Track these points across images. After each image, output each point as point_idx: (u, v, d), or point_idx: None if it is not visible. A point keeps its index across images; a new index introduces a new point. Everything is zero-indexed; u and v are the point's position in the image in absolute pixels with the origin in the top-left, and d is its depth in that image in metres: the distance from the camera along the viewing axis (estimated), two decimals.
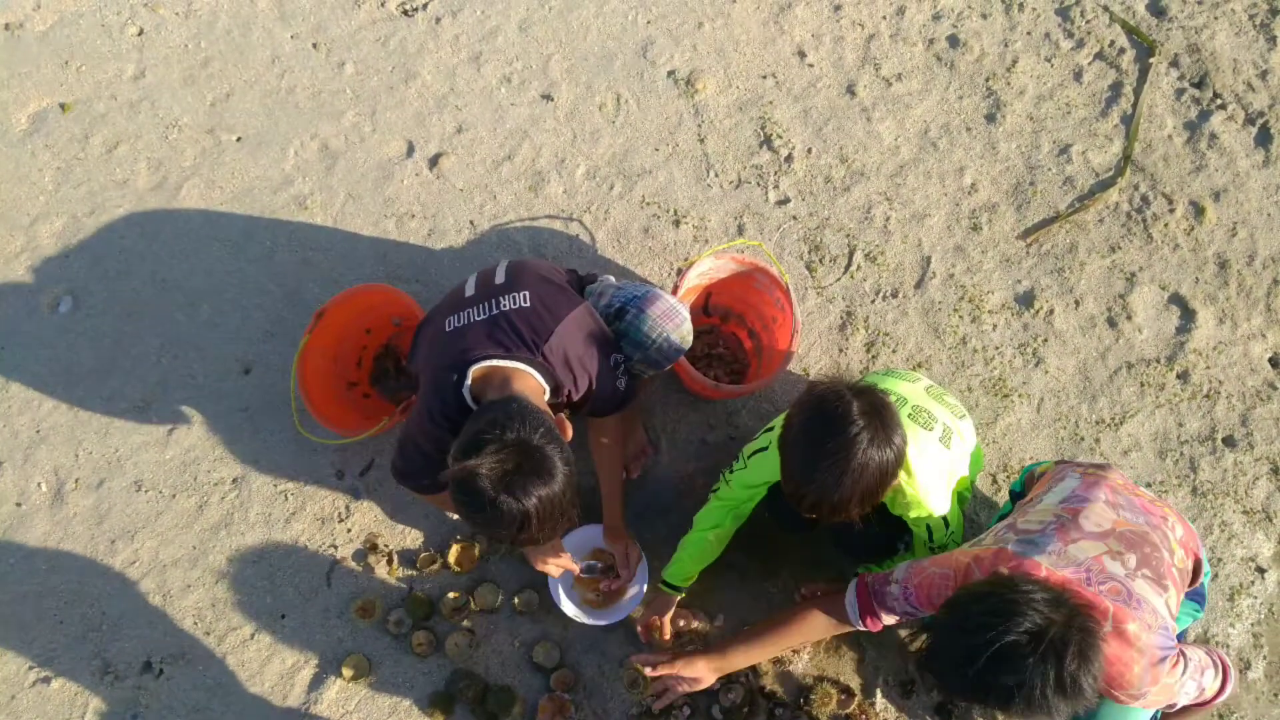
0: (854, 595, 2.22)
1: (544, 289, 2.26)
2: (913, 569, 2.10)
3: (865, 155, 3.20)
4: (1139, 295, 3.05)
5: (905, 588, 2.09)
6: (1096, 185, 3.18)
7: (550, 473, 1.89)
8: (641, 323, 2.37)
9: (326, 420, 2.60)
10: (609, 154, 3.18)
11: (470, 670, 2.62)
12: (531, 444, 1.88)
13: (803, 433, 1.96)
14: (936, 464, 2.22)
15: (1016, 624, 1.62)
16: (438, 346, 2.23)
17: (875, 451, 1.89)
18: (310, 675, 2.62)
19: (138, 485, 2.80)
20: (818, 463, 1.89)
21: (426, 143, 3.19)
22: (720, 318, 2.98)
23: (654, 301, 2.38)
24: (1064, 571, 1.86)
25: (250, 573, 2.71)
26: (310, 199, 3.12)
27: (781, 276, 2.69)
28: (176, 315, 2.99)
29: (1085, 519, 2.00)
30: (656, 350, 2.39)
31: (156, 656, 2.63)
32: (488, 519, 1.87)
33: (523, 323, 2.17)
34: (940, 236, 3.10)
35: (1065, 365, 2.96)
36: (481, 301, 2.24)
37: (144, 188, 3.13)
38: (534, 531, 1.90)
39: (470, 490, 1.84)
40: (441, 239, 3.07)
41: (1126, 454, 2.87)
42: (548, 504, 1.89)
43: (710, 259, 2.71)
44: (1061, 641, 1.61)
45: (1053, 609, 1.64)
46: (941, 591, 1.99)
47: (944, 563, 2.02)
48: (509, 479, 1.84)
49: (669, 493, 2.81)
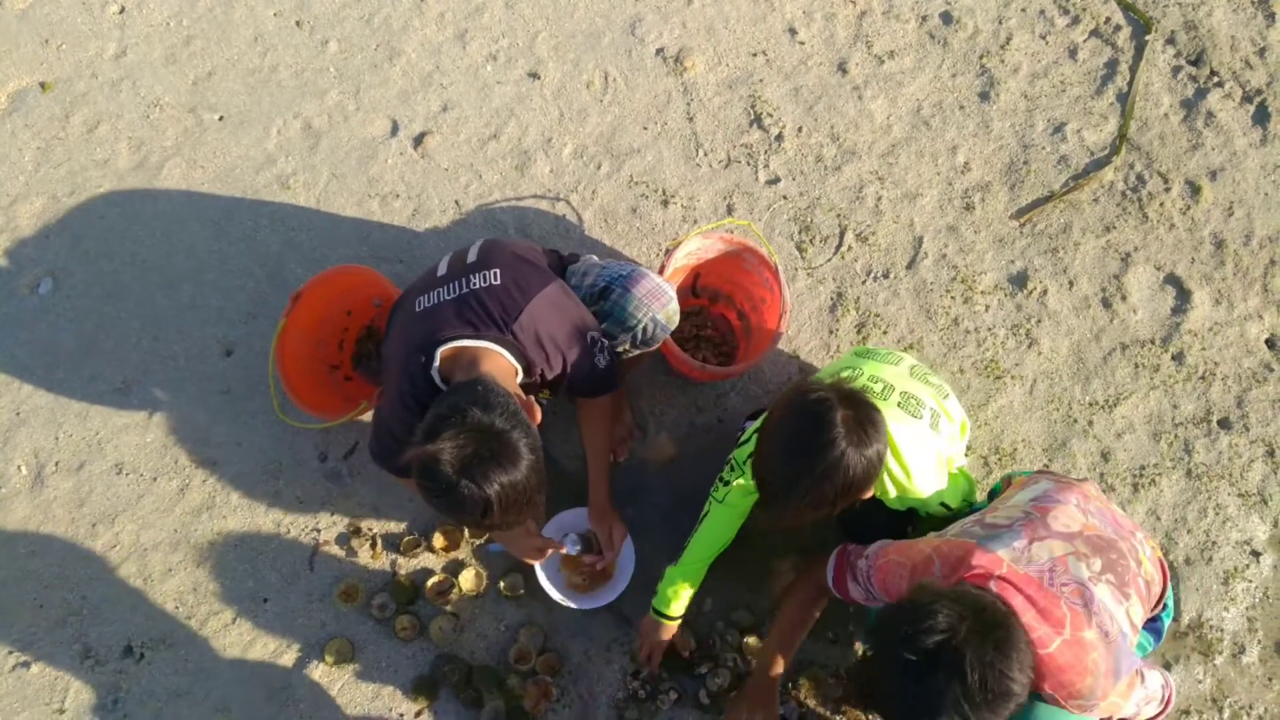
0: (834, 560, 2.23)
1: (516, 266, 2.22)
2: (881, 551, 2.08)
3: (857, 134, 3.15)
4: (1134, 275, 3.00)
5: (870, 567, 2.08)
6: (1091, 164, 3.14)
7: (513, 459, 1.85)
8: (626, 302, 2.33)
9: (306, 405, 2.56)
10: (596, 133, 3.14)
11: (454, 654, 2.59)
12: (495, 428, 1.84)
13: (778, 432, 1.95)
14: (929, 450, 2.19)
15: (920, 642, 1.61)
16: (408, 328, 2.20)
17: (854, 455, 1.88)
18: (293, 660, 2.60)
19: (118, 468, 2.76)
20: (793, 460, 1.90)
21: (411, 121, 3.14)
22: (709, 299, 2.94)
23: (639, 281, 2.35)
24: (1024, 569, 1.83)
25: (232, 556, 2.68)
26: (293, 179, 3.07)
27: (770, 256, 2.65)
28: (157, 296, 2.95)
29: (1054, 519, 1.96)
30: (642, 330, 2.36)
31: (138, 641, 2.61)
32: (449, 504, 1.84)
33: (492, 301, 2.13)
34: (932, 216, 3.06)
35: (1059, 346, 2.93)
36: (451, 280, 2.20)
37: (125, 167, 3.09)
38: (496, 518, 1.86)
39: (431, 475, 1.81)
40: (426, 219, 3.03)
41: (1120, 436, 2.84)
42: (510, 490, 1.85)
43: (698, 239, 2.66)
44: (960, 651, 1.59)
45: (956, 618, 1.62)
46: (896, 581, 1.98)
47: (905, 551, 2.00)
48: (470, 464, 1.80)
49: (657, 475, 2.78)
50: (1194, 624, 2.67)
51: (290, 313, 2.61)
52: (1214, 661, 2.64)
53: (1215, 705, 2.60)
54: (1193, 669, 2.63)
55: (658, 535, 2.68)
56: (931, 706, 1.60)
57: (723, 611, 2.65)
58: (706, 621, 2.64)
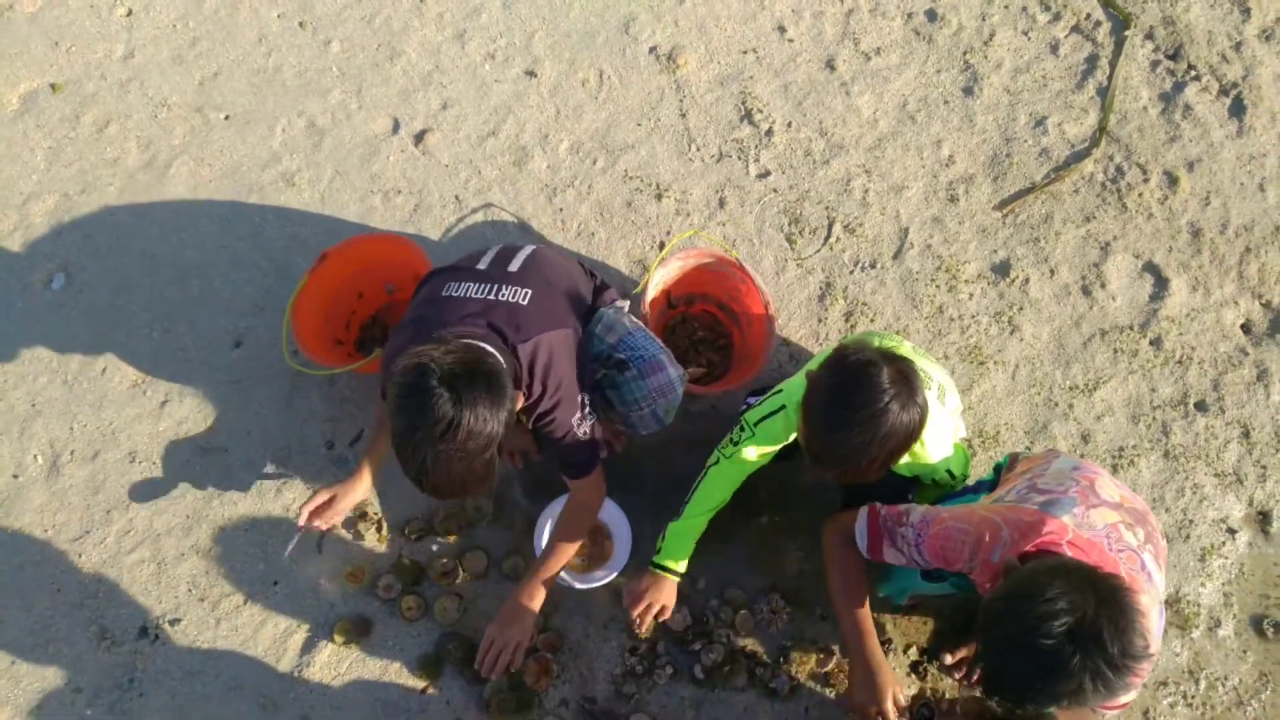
0: (865, 524, 2.19)
1: (548, 298, 2.24)
2: (930, 518, 2.07)
3: (844, 129, 3.24)
4: (1113, 264, 3.10)
5: (919, 535, 2.07)
6: (1072, 156, 3.23)
7: (499, 399, 1.85)
8: (637, 388, 2.34)
9: (314, 357, 2.66)
10: (592, 129, 3.23)
11: (458, 633, 2.68)
12: (491, 365, 1.88)
13: (830, 395, 1.95)
14: (940, 421, 2.25)
15: (1050, 628, 1.60)
16: (428, 305, 2.24)
17: (903, 414, 1.91)
18: (303, 639, 2.68)
19: (132, 457, 2.85)
20: (847, 426, 1.91)
21: (412, 119, 3.23)
22: (685, 304, 3.00)
23: (656, 372, 2.34)
24: (1085, 535, 1.87)
25: (243, 540, 2.77)
26: (298, 176, 3.16)
27: (727, 252, 2.73)
28: (167, 291, 3.03)
29: (1100, 487, 2.01)
30: (639, 418, 2.39)
31: (152, 622, 2.69)
32: (411, 410, 1.80)
33: (511, 317, 2.15)
34: (918, 208, 3.15)
35: (1040, 333, 3.02)
36: (486, 282, 2.23)
37: (134, 166, 3.17)
38: (453, 452, 1.82)
39: (413, 374, 1.81)
40: (427, 214, 3.12)
41: (1100, 419, 2.93)
42: (479, 426, 1.82)
43: (659, 270, 2.72)
44: (1095, 628, 1.60)
45: (1078, 595, 1.62)
46: (957, 550, 1.97)
47: (963, 517, 2.00)
48: (456, 378, 1.81)
49: (650, 462, 2.85)
50: (1172, 599, 2.76)
51: (315, 270, 2.70)
52: (1191, 635, 2.73)
53: (1192, 677, 2.69)
54: (1170, 642, 2.72)
55: (651, 519, 2.74)
56: (1078, 687, 1.60)
57: (716, 589, 2.73)
58: (701, 599, 2.73)
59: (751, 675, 2.64)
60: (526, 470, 2.84)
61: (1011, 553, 1.90)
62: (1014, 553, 1.90)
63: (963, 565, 2.00)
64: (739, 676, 2.63)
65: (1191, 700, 2.67)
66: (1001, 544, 1.92)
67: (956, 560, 2.00)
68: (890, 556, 2.18)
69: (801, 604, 2.71)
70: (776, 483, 2.80)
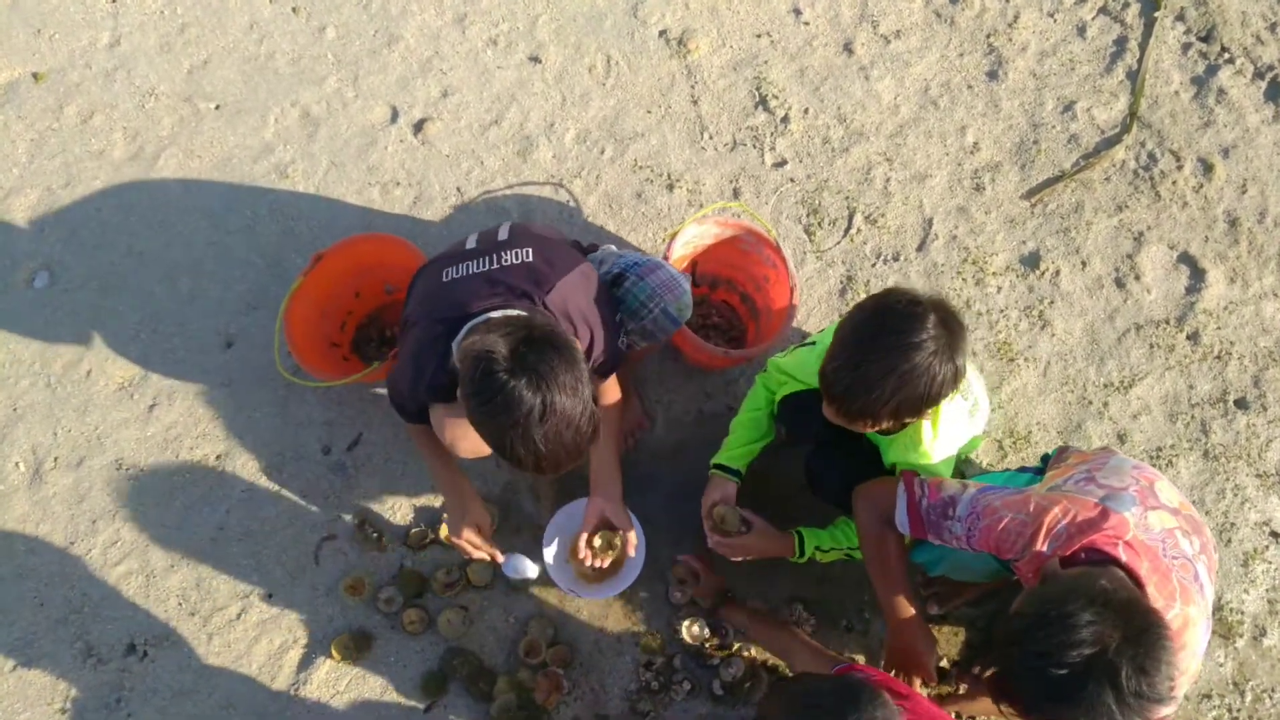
0: (904, 513, 2.05)
1: (547, 246, 2.17)
2: (981, 506, 1.93)
3: (864, 115, 3.10)
4: (1147, 255, 2.96)
5: (969, 528, 1.93)
6: (1102, 143, 3.09)
7: (577, 371, 1.78)
8: (640, 291, 2.28)
9: (308, 365, 2.54)
10: (599, 117, 3.09)
11: (464, 648, 2.55)
12: (559, 336, 1.80)
13: (865, 319, 1.84)
14: (961, 432, 2.14)
15: (1067, 656, 1.53)
16: (431, 296, 2.13)
17: (935, 362, 1.78)
18: (299, 655, 2.55)
19: (118, 463, 2.72)
20: (871, 352, 1.79)
21: (411, 108, 3.09)
22: (709, 286, 2.90)
23: (654, 270, 2.30)
24: (1143, 537, 1.77)
25: (236, 551, 2.64)
26: (292, 168, 3.02)
27: (768, 232, 2.60)
28: (156, 289, 2.90)
29: (1160, 490, 1.91)
30: (652, 321, 2.30)
31: (140, 638, 2.56)
32: (492, 409, 1.73)
33: (523, 276, 2.07)
34: (942, 197, 3.01)
35: (1072, 328, 2.88)
36: (481, 255, 2.14)
37: (120, 158, 3.04)
38: (549, 434, 1.74)
39: (480, 368, 1.73)
40: (428, 207, 2.98)
41: (1136, 418, 2.79)
42: (571, 402, 1.75)
43: (694, 226, 2.62)
44: (1113, 664, 1.51)
45: (1105, 626, 1.54)
46: (1011, 541, 1.85)
47: (1019, 506, 1.87)
48: (526, 359, 1.73)
49: (665, 465, 2.73)
50: (1215, 607, 2.61)
51: (309, 271, 2.58)
52: (1235, 645, 2.60)
53: (1237, 689, 2.56)
54: (1213, 652, 2.58)
55: (666, 524, 2.64)
56: (1086, 717, 1.53)
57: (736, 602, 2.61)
58: None
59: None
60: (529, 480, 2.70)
61: (1065, 548, 1.79)
62: (1066, 549, 1.79)
63: (1015, 555, 1.88)
64: (760, 692, 2.50)
65: (1237, 713, 2.54)
66: (1056, 536, 1.81)
67: (1009, 551, 1.88)
68: (934, 541, 2.05)
69: (826, 614, 2.59)
70: (796, 486, 2.66)
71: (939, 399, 1.85)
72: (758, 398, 2.44)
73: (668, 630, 2.57)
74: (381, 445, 2.72)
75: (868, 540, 2.18)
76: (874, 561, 2.18)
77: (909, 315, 1.79)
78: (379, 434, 2.74)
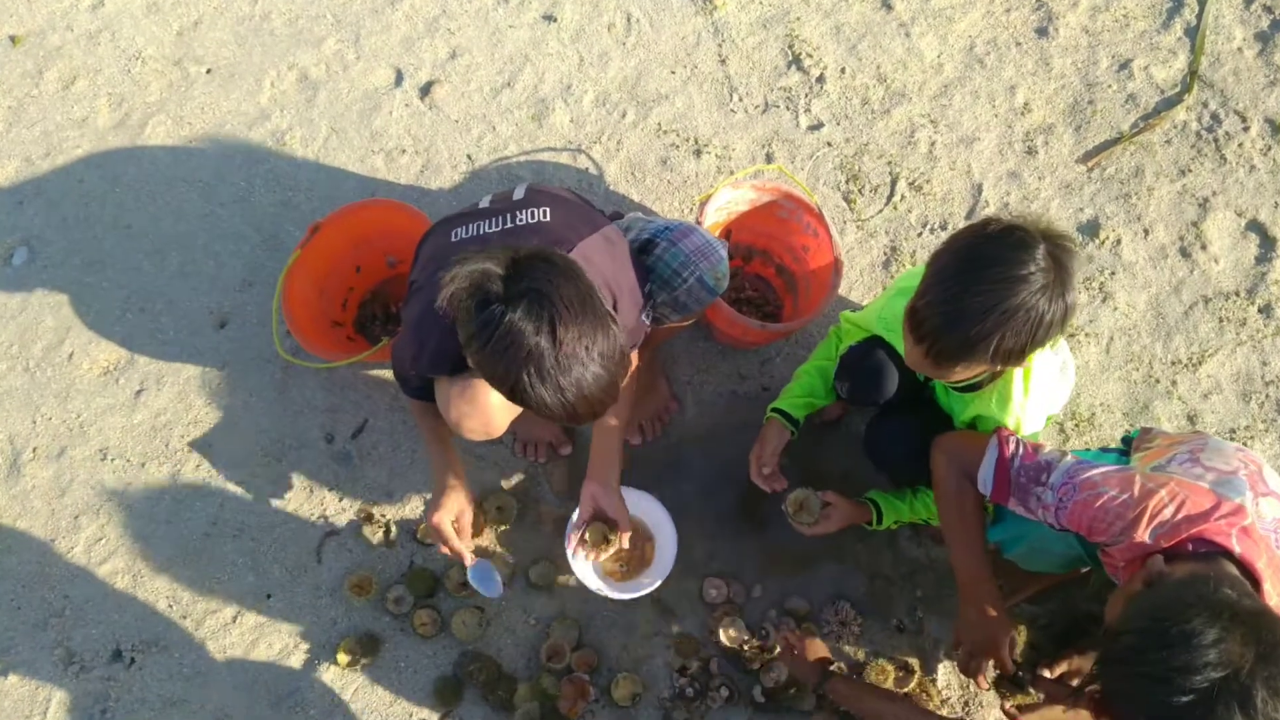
0: (991, 471, 1.83)
1: (567, 208, 1.97)
2: (1080, 477, 1.70)
3: (905, 74, 2.88)
4: (1213, 222, 2.74)
5: (1061, 499, 1.71)
6: (1162, 103, 2.87)
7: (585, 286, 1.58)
8: (672, 258, 2.05)
9: (311, 345, 2.34)
10: (620, 78, 2.87)
11: (480, 652, 2.34)
12: (573, 267, 1.59)
13: (965, 249, 1.64)
14: (1050, 395, 1.95)
15: (1192, 680, 1.33)
16: (438, 258, 1.92)
17: (1044, 299, 1.58)
18: (301, 661, 2.34)
19: (103, 454, 2.50)
20: (972, 284, 1.58)
21: (417, 70, 2.87)
22: (742, 257, 2.67)
23: (688, 235, 2.07)
24: (1258, 526, 1.57)
25: (230, 548, 2.42)
26: (289, 135, 2.81)
27: (809, 197, 2.39)
28: (143, 265, 2.68)
29: (1267, 476, 1.70)
30: (686, 292, 2.07)
31: (127, 644, 2.35)
32: (490, 350, 1.51)
33: (541, 238, 1.85)
34: (992, 161, 2.79)
35: (1135, 301, 2.66)
36: (496, 215, 1.93)
37: (105, 126, 2.82)
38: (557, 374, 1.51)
39: (476, 297, 1.52)
40: (436, 175, 2.76)
41: (1207, 397, 2.58)
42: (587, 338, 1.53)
43: (728, 190, 2.41)
44: (1247, 689, 1.32)
45: (1234, 644, 1.34)
46: (1107, 521, 1.64)
47: (1121, 483, 1.65)
48: (527, 289, 1.50)
49: (695, 451, 2.52)
50: None
51: (306, 243, 2.38)
52: None
53: None
54: None
55: (699, 515, 2.43)
56: None
57: (776, 598, 2.40)
58: (757, 610, 2.39)
59: (820, 698, 2.29)
60: (550, 468, 2.49)
61: (1171, 538, 1.59)
62: (1172, 539, 1.59)
63: (1107, 539, 1.67)
64: (805, 699, 2.29)
65: None
66: (1161, 524, 1.60)
67: (1102, 533, 1.67)
68: (1016, 508, 1.83)
69: (875, 613, 2.38)
70: (840, 474, 2.45)
71: (1044, 341, 1.65)
72: (829, 347, 2.26)
73: (703, 632, 2.36)
74: (389, 432, 2.51)
75: (944, 496, 1.97)
76: (950, 519, 1.97)
77: (1016, 244, 1.58)
78: (386, 420, 2.52)
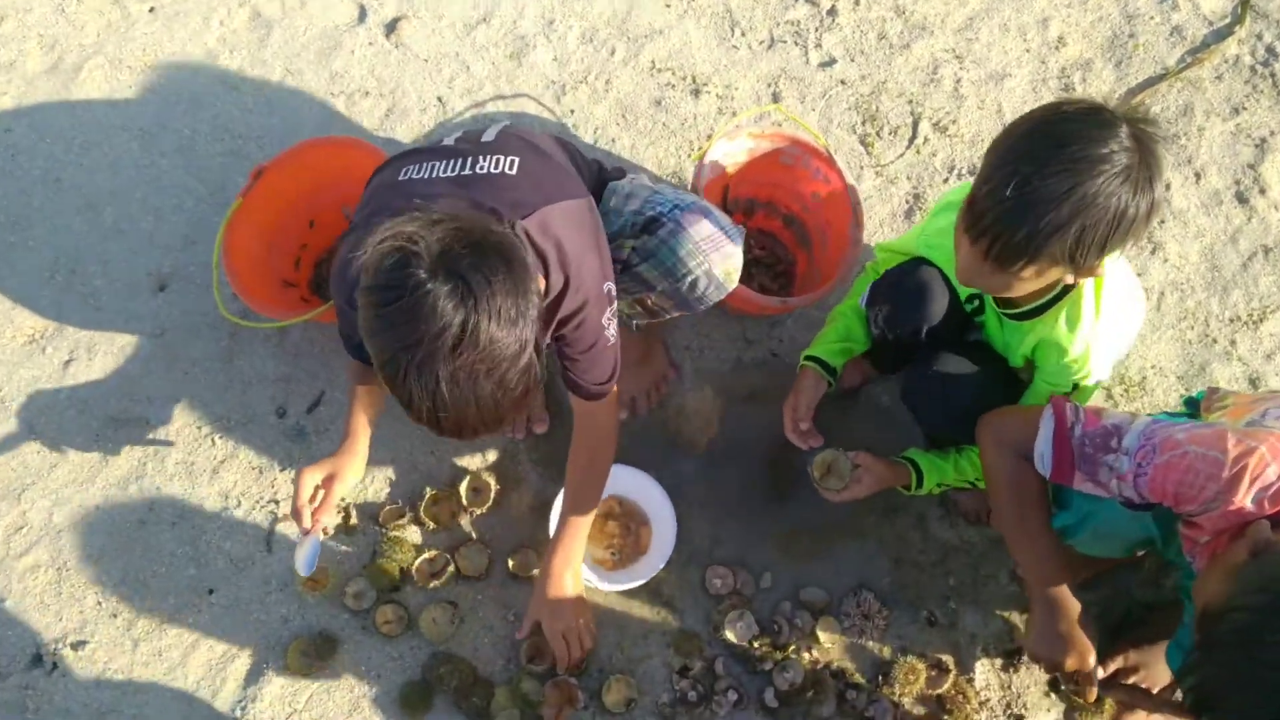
0: (1048, 444, 1.57)
1: (541, 165, 1.68)
2: (1159, 437, 1.44)
3: (926, 5, 2.61)
4: (1272, 164, 2.48)
5: (1140, 464, 1.45)
6: (1211, 36, 2.60)
7: (522, 280, 1.29)
8: (677, 244, 1.76)
9: (259, 305, 2.08)
10: (608, 12, 2.59)
11: (452, 653, 2.06)
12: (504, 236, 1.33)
13: (1035, 128, 1.41)
14: (1122, 321, 1.71)
15: None
16: (378, 197, 1.64)
17: (1127, 187, 1.35)
18: (246, 666, 2.07)
19: (29, 430, 2.23)
20: (1045, 165, 1.35)
21: (381, 5, 2.61)
22: (743, 212, 2.39)
23: (698, 219, 1.77)
24: None
25: (168, 537, 2.15)
26: (239, 78, 2.54)
27: (815, 139, 2.12)
28: (75, 222, 2.41)
29: None
30: (690, 286, 1.80)
31: (49, 647, 2.08)
32: (398, 325, 1.24)
33: (500, 191, 1.58)
34: (1024, 100, 2.52)
35: (1188, 252, 2.39)
36: (455, 157, 1.65)
37: (35, 71, 2.56)
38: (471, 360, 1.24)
39: (393, 265, 1.24)
40: (403, 120, 2.49)
41: (1270, 357, 2.31)
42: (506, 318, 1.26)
43: (722, 142, 2.14)
44: None
45: None
46: (1202, 483, 1.38)
47: (1209, 441, 1.39)
48: (456, 258, 1.24)
49: (695, 424, 2.24)
50: None
51: (249, 190, 2.14)
52: None
53: None
54: None
55: (700, 501, 2.18)
56: None
57: (789, 588, 2.12)
58: (769, 602, 2.11)
59: (841, 700, 2.03)
60: (534, 443, 2.22)
61: (1277, 502, 1.33)
62: (1276, 507, 1.33)
63: (1198, 506, 1.40)
64: (825, 703, 2.02)
65: None
66: (1265, 486, 1.34)
67: (1192, 500, 1.41)
68: (1083, 485, 1.56)
69: (902, 604, 2.11)
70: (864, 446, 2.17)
71: (1124, 241, 1.41)
72: (865, 283, 2.00)
73: (707, 627, 2.08)
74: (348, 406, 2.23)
75: (999, 486, 1.70)
76: (1008, 513, 1.71)
77: (1097, 123, 1.36)
78: (345, 392, 2.24)
